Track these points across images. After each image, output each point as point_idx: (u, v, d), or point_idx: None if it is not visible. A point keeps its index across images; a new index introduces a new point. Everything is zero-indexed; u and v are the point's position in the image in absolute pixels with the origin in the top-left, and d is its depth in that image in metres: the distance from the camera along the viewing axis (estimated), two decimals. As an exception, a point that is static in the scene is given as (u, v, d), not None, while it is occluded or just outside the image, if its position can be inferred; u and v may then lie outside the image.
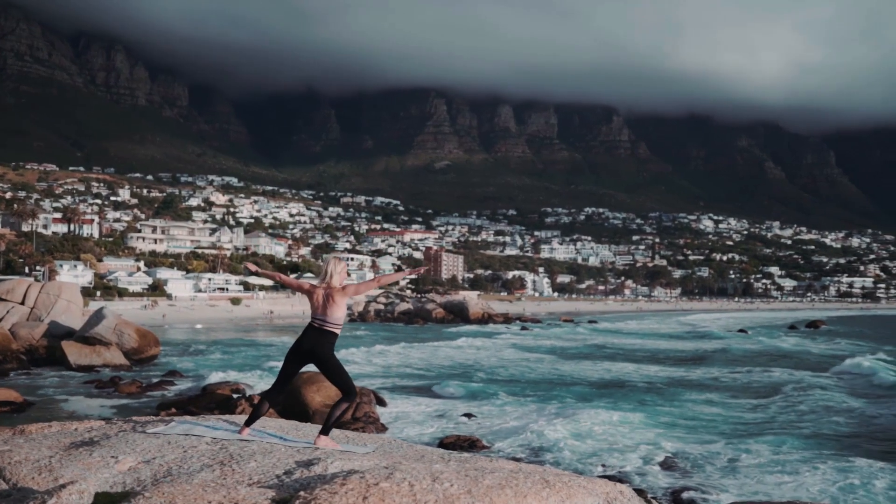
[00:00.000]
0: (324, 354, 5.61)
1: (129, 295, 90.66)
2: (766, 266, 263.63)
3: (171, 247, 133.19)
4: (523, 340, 55.97)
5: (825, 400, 23.93)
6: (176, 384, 26.71)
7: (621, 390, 26.63)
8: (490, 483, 3.85)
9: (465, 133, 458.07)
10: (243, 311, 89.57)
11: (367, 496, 3.53)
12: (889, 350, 51.14)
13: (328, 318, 5.65)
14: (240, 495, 3.53)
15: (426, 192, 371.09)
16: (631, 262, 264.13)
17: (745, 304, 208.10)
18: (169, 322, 69.42)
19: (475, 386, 27.32)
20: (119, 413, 20.15)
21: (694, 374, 32.87)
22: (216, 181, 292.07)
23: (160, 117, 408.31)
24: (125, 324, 34.28)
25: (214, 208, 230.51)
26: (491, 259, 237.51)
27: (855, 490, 12.89)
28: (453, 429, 18.62)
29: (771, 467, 14.57)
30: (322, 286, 5.71)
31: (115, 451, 4.60)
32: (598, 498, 4.14)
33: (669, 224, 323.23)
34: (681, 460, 14.97)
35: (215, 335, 56.79)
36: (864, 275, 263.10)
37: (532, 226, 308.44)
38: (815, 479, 13.55)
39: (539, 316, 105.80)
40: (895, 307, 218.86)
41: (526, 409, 21.35)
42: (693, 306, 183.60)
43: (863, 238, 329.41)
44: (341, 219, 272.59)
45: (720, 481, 13.51)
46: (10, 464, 4.15)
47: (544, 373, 33.00)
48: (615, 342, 55.87)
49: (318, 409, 19.37)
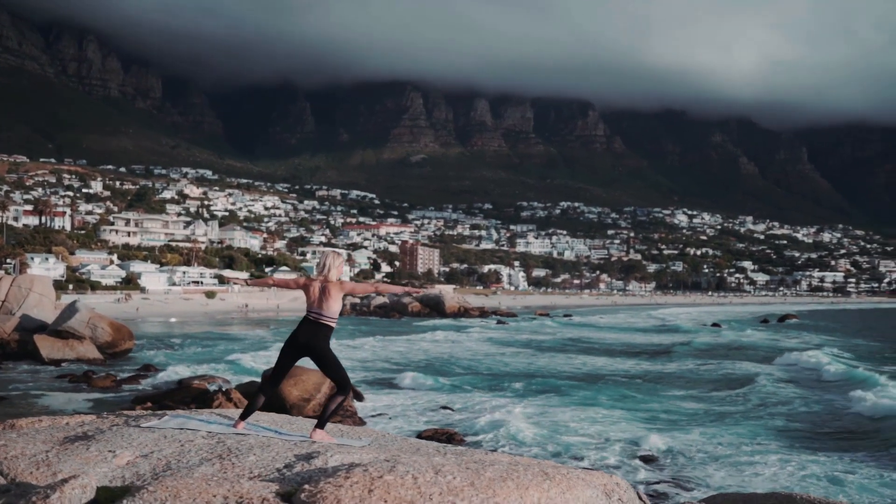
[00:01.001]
0: (319, 348, 5.61)
1: (102, 288, 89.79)
2: (739, 261, 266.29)
3: (144, 240, 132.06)
4: (499, 334, 56.24)
5: (784, 392, 24.49)
6: (151, 378, 26.55)
7: (596, 384, 26.87)
8: (492, 475, 3.91)
9: (442, 127, 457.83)
10: (218, 305, 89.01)
11: (372, 489, 3.55)
12: (858, 343, 52.11)
13: (324, 312, 5.65)
14: (244, 489, 3.53)
15: (402, 185, 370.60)
16: (606, 256, 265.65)
17: (719, 298, 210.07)
18: (143, 316, 68.85)
19: (452, 380, 27.45)
20: (95, 407, 20.02)
21: (656, 367, 33.43)
22: (190, 174, 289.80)
23: (133, 109, 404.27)
24: (99, 317, 33.97)
25: (189, 201, 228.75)
26: (467, 253, 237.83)
27: (818, 479, 13.26)
28: (431, 422, 18.73)
29: (731, 457, 14.89)
30: (319, 279, 5.72)
31: (112, 445, 4.59)
32: (596, 490, 4.22)
33: (644, 219, 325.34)
34: (657, 453, 15.18)
35: (190, 329, 56.47)
36: (834, 269, 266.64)
37: (508, 220, 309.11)
38: (771, 470, 13.91)
39: (515, 310, 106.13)
40: (865, 301, 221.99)
41: (503, 403, 21.50)
42: (667, 300, 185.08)
43: (834, 233, 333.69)
44: (317, 212, 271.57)
45: (688, 473, 13.73)
46: (7, 459, 4.14)
47: (521, 367, 33.20)
48: (589, 336, 56.32)
49: (295, 402, 19.39)
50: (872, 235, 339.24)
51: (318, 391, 20.44)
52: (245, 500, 3.43)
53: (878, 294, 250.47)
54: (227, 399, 19.28)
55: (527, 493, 3.84)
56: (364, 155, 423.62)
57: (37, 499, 3.26)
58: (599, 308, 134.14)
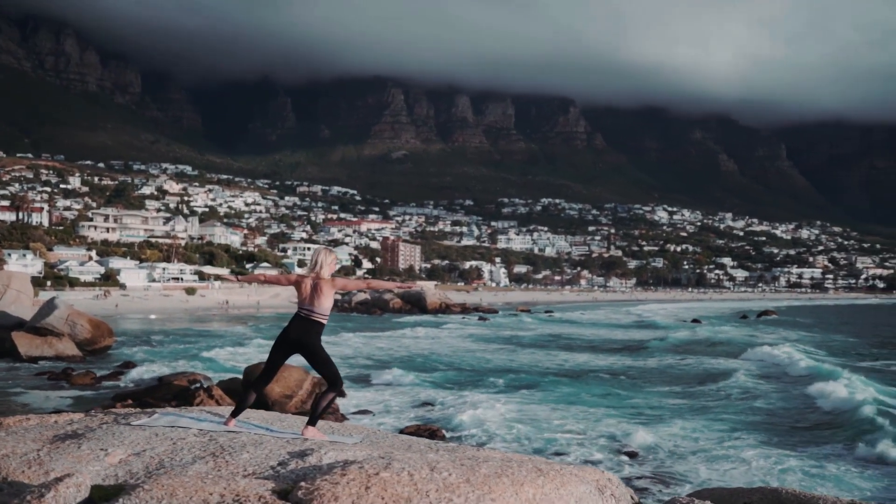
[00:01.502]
0: (311, 344, 5.58)
1: (80, 285, 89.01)
2: (718, 257, 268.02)
3: (123, 236, 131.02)
4: (480, 330, 56.32)
5: (756, 387, 24.88)
6: (131, 375, 26.36)
7: (576, 380, 26.99)
8: (486, 472, 3.93)
9: (423, 123, 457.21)
10: (198, 301, 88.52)
11: (368, 486, 3.55)
12: (835, 338, 52.67)
13: (315, 308, 5.63)
14: (239, 487, 3.52)
15: (383, 181, 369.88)
16: (587, 252, 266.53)
17: (699, 294, 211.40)
18: (122, 312, 68.38)
19: (433, 376, 27.47)
20: (75, 405, 19.87)
21: (636, 363, 33.70)
22: (170, 169, 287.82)
23: (112, 104, 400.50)
24: (78, 314, 33.69)
25: (168, 197, 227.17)
26: (448, 249, 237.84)
27: (794, 472, 13.46)
28: (413, 418, 18.75)
29: (710, 452, 15.06)
30: (311, 276, 5.69)
31: (104, 443, 4.56)
32: (589, 485, 4.25)
33: (625, 215, 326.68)
34: (638, 449, 15.27)
35: (170, 325, 56.15)
36: (812, 266, 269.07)
37: (489, 216, 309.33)
38: (747, 465, 14.07)
39: (496, 306, 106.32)
40: (842, 297, 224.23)
41: (485, 399, 21.54)
42: (647, 297, 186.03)
43: (812, 230, 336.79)
44: (297, 208, 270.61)
45: (669, 468, 13.83)
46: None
47: (502, 363, 33.27)
48: (570, 332, 56.53)
49: (277, 399, 19.35)
50: (850, 232, 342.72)
51: (300, 388, 20.42)
52: (242, 498, 3.41)
53: (854, 290, 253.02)
54: (208, 396, 19.20)
55: (522, 489, 3.85)
56: (345, 151, 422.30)
57: (31, 498, 3.24)
58: (580, 304, 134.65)
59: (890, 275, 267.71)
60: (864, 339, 53.20)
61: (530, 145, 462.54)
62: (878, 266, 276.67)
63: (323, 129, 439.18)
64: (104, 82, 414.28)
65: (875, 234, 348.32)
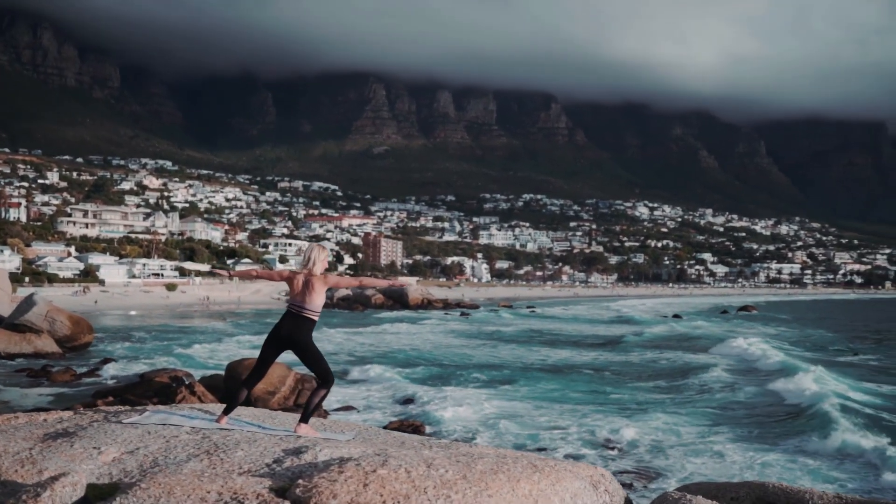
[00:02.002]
0: (302, 341, 5.55)
1: (59, 281, 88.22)
2: (699, 252, 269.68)
3: (103, 231, 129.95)
4: (463, 326, 56.33)
5: (726, 381, 25.19)
6: (111, 372, 26.16)
7: (557, 375, 27.09)
8: (483, 468, 3.94)
9: (404, 118, 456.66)
10: (179, 297, 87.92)
11: (367, 483, 3.55)
12: (810, 333, 53.18)
13: (306, 305, 5.60)
14: (237, 484, 3.50)
15: (365, 177, 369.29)
16: (568, 248, 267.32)
17: (679, 289, 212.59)
18: (102, 309, 67.79)
19: (416, 371, 27.45)
20: (56, 402, 19.68)
21: (616, 357, 33.92)
22: (150, 164, 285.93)
23: (90, 98, 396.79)
24: (57, 310, 33.37)
25: (148, 192, 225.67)
26: (430, 245, 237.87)
27: (770, 465, 13.66)
28: (396, 414, 18.73)
29: (690, 446, 15.19)
30: (303, 272, 5.65)
31: (96, 441, 4.52)
32: (584, 481, 4.27)
33: (606, 211, 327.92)
34: (620, 443, 15.35)
35: (151, 322, 55.74)
36: (791, 261, 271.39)
37: (471, 212, 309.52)
38: (721, 459, 14.24)
39: (478, 302, 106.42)
40: (820, 292, 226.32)
41: (467, 394, 21.57)
42: (628, 292, 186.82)
43: (791, 226, 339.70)
44: (279, 204, 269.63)
45: (651, 462, 13.91)
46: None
47: (484, 358, 33.30)
48: (551, 328, 56.67)
49: (260, 395, 19.26)
50: (828, 228, 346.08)
51: (282, 384, 20.34)
52: (240, 496, 3.40)
53: (833, 285, 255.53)
54: (190, 392, 19.08)
55: (518, 485, 3.86)
56: (326, 146, 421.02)
57: (27, 497, 3.21)
58: (562, 300, 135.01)
59: (867, 270, 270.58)
60: (841, 333, 53.79)
61: (512, 141, 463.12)
62: (856, 262, 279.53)
63: (304, 124, 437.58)
64: (82, 76, 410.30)
65: (853, 230, 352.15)
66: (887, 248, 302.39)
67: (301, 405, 20.60)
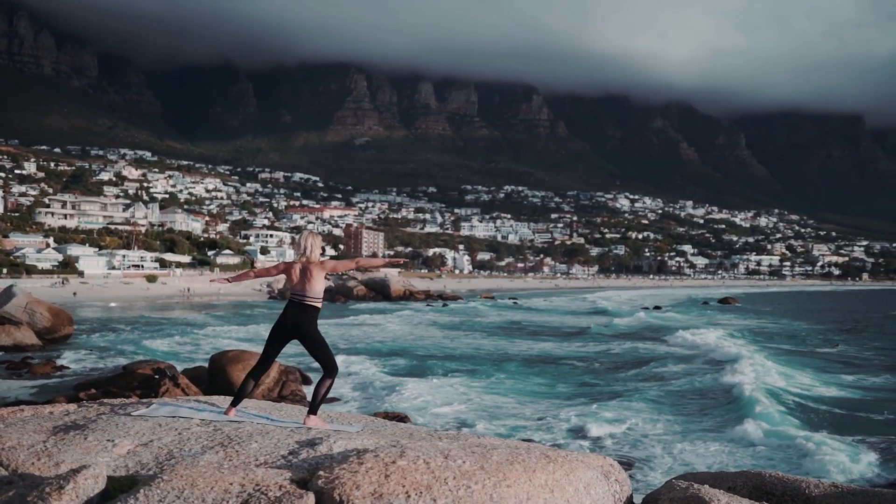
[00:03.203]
0: (307, 330, 5.51)
1: (38, 272, 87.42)
2: (679, 244, 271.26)
3: (82, 222, 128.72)
4: (445, 317, 56.39)
5: (680, 371, 25.79)
6: (93, 363, 25.98)
7: (537, 366, 27.23)
8: (499, 459, 3.96)
9: (386, 109, 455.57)
10: (160, 289, 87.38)
11: (388, 474, 3.56)
12: (792, 325, 53.68)
13: (307, 293, 5.54)
14: (258, 476, 3.50)
15: (346, 168, 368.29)
16: (549, 239, 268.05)
17: (660, 281, 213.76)
18: (81, 300, 67.26)
19: (399, 363, 27.49)
20: (38, 394, 19.53)
21: (590, 349, 34.21)
22: (128, 155, 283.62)
23: (67, 87, 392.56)
24: (37, 302, 33.05)
25: (127, 183, 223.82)
26: (411, 236, 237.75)
27: (721, 454, 14.07)
28: (377, 405, 18.72)
29: (660, 437, 15.51)
30: (300, 261, 5.59)
31: (109, 434, 4.49)
32: (595, 471, 4.31)
33: (587, 203, 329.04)
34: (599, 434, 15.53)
35: (132, 313, 55.38)
36: (770, 253, 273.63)
37: (452, 203, 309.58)
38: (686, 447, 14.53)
39: (460, 293, 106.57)
40: (799, 284, 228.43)
41: (449, 385, 21.64)
42: (609, 284, 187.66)
43: (770, 218, 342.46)
44: (259, 195, 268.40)
45: (630, 452, 14.02)
46: (5, 449, 4.01)
47: (467, 349, 33.38)
48: (532, 319, 56.88)
49: (243, 387, 19.19)
50: (806, 220, 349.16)
51: (266, 376, 20.25)
52: (262, 488, 3.39)
53: (811, 277, 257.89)
54: (174, 384, 18.94)
55: (534, 475, 3.90)
56: (307, 137, 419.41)
57: (51, 490, 3.19)
58: (543, 291, 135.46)
59: (845, 262, 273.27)
60: (823, 325, 54.28)
61: (493, 132, 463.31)
62: (834, 254, 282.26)
63: (285, 115, 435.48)
64: (59, 65, 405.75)
65: (831, 223, 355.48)
66: (865, 241, 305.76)
67: (285, 396, 20.57)
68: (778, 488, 5.14)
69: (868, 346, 37.71)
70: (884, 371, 26.38)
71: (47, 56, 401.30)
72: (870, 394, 21.23)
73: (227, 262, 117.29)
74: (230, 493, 3.31)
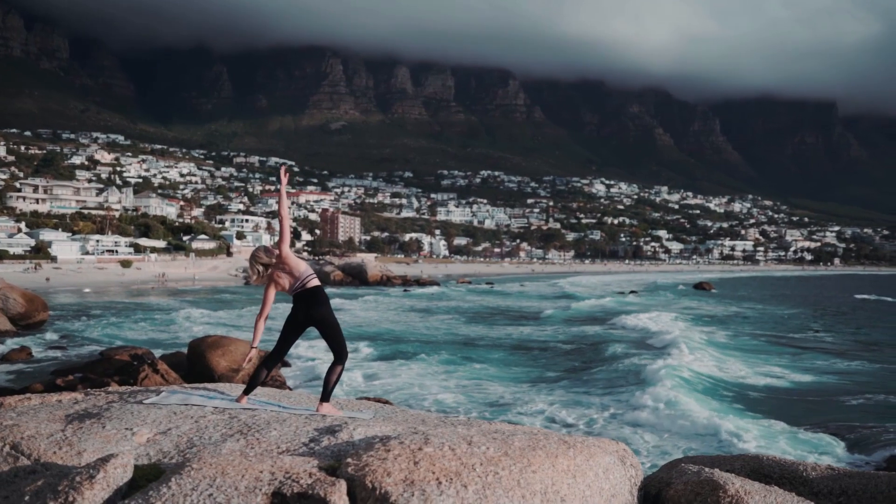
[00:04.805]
0: (321, 315, 5.47)
1: (9, 258, 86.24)
2: (654, 229, 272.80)
3: (54, 207, 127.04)
4: (422, 303, 56.50)
5: (623, 352, 26.58)
6: (68, 350, 25.74)
7: (512, 351, 27.41)
8: (521, 445, 4.00)
9: (362, 94, 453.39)
10: (134, 274, 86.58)
11: (416, 461, 3.59)
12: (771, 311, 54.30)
13: (300, 279, 5.51)
14: (286, 464, 3.51)
15: (322, 153, 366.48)
16: (526, 224, 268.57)
17: (635, 266, 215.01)
18: (54, 286, 66.51)
19: (376, 347, 27.55)
20: (16, 380, 19.32)
21: (525, 330, 35.32)
22: (101, 139, 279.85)
23: (37, 70, 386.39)
24: (10, 288, 32.66)
25: (100, 167, 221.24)
26: (388, 221, 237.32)
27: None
28: (359, 390, 18.71)
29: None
30: (272, 273, 5.57)
31: (126, 423, 4.48)
32: (612, 456, 4.39)
33: (563, 188, 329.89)
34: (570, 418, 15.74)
35: (106, 299, 54.87)
36: (744, 238, 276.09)
37: (428, 188, 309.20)
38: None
39: (437, 278, 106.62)
40: (772, 269, 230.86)
41: (428, 370, 21.73)
42: (584, 269, 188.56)
43: (744, 203, 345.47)
44: (234, 179, 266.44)
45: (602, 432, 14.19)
46: (25, 438, 3.97)
47: (445, 334, 33.49)
48: (509, 304, 57.16)
49: (224, 372, 19.07)
50: (780, 206, 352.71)
51: (247, 361, 20.09)
52: (292, 475, 3.40)
53: (784, 262, 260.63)
54: (153, 371, 18.78)
55: (557, 461, 3.96)
56: (283, 121, 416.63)
57: (81, 479, 3.20)
58: (519, 276, 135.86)
59: (817, 247, 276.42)
60: (800, 309, 54.93)
61: (470, 117, 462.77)
62: (807, 239, 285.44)
63: (260, 99, 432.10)
64: (29, 47, 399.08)
65: (804, 208, 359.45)
66: (836, 226, 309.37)
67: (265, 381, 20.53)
68: (776, 471, 5.18)
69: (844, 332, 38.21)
70: (837, 358, 26.77)
71: (16, 38, 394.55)
72: (823, 382, 21.40)
73: (202, 247, 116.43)
74: (261, 480, 3.33)
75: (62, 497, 3.13)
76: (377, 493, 3.40)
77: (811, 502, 4.63)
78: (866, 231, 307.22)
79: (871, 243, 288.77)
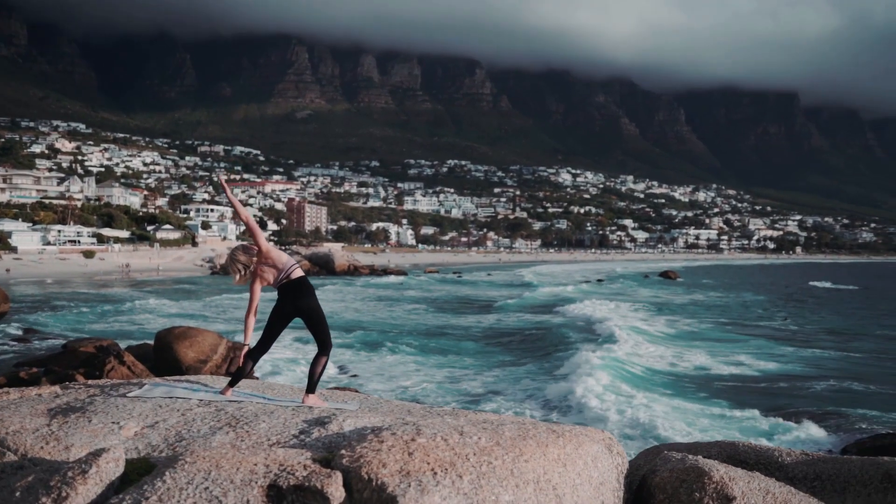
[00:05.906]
0: (308, 306, 5.45)
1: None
2: (620, 219, 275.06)
3: (14, 196, 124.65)
4: (390, 293, 56.38)
5: (567, 335, 27.52)
6: (31, 342, 25.30)
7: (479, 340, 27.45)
8: (511, 435, 4.05)
9: (328, 82, 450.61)
10: (97, 265, 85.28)
11: (411, 452, 3.60)
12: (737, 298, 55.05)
13: (282, 269, 5.50)
14: (280, 456, 3.50)
15: (287, 142, 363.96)
16: (492, 214, 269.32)
17: (601, 255, 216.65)
18: (15, 277, 65.31)
19: (344, 338, 27.38)
20: (-22, 373, 18.90)
21: (473, 319, 35.72)
22: (62, 127, 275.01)
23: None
24: (-30, 279, 32.03)
25: (60, 156, 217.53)
26: (354, 211, 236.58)
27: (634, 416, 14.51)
28: (329, 382, 18.61)
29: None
30: (257, 270, 5.56)
31: (112, 416, 4.41)
32: (600, 444, 4.44)
33: (530, 177, 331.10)
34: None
35: (69, 290, 54.03)
36: (709, 227, 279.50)
37: (395, 177, 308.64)
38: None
39: (404, 267, 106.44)
40: (736, 257, 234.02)
41: (397, 361, 21.73)
42: (551, 258, 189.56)
43: (708, 192, 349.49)
44: (199, 168, 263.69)
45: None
46: (10, 433, 3.90)
47: (412, 324, 33.46)
48: (477, 294, 57.28)
49: (191, 364, 18.85)
50: (743, 195, 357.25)
51: (214, 352, 19.91)
52: (287, 468, 3.39)
53: (747, 251, 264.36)
54: (119, 362, 18.51)
55: (547, 450, 4.01)
56: (248, 110, 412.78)
57: (74, 474, 3.16)
58: (486, 265, 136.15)
59: (779, 236, 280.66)
60: (764, 297, 55.68)
61: (437, 106, 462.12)
62: (769, 228, 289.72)
63: (224, 87, 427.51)
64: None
65: (767, 197, 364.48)
66: (798, 215, 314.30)
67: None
68: (751, 457, 5.26)
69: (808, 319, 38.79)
70: (799, 346, 27.20)
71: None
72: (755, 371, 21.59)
73: (167, 237, 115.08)
74: (256, 473, 3.32)
75: (55, 493, 3.08)
76: (374, 484, 3.40)
77: (791, 487, 4.69)
78: (827, 220, 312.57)
79: (831, 232, 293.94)
